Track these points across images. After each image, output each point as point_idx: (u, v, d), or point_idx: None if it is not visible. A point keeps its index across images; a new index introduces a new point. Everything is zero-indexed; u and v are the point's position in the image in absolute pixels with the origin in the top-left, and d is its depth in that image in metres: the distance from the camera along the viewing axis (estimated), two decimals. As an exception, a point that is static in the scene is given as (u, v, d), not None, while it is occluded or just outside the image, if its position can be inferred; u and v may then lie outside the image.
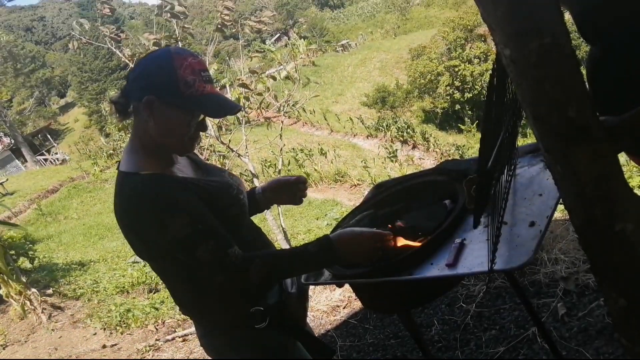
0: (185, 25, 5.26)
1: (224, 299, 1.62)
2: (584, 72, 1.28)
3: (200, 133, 1.64)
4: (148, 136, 1.57)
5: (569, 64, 1.10)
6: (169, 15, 4.86)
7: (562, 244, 3.06)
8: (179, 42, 5.20)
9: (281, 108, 6.26)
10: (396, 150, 18.34)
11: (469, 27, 30.37)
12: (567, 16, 1.64)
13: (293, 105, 6.77)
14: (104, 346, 4.92)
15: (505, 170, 1.45)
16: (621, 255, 1.22)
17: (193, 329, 4.67)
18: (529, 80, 1.12)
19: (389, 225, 1.77)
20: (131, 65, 5.37)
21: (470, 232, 1.51)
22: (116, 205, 1.58)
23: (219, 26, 5.17)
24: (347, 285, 1.92)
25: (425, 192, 1.88)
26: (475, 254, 1.41)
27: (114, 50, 5.42)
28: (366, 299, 1.77)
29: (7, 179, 25.56)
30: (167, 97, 1.50)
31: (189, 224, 1.47)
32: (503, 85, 1.30)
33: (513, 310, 2.81)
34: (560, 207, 1.54)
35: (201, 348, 4.20)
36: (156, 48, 6.06)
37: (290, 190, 1.96)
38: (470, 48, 29.18)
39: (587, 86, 1.27)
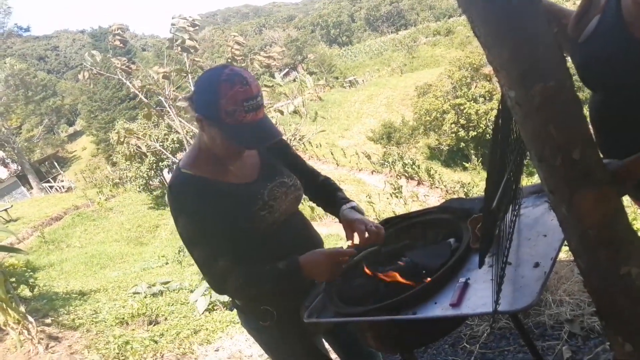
0: (196, 59, 5.34)
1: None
2: (586, 114, 1.29)
3: None
4: (203, 140, 1.80)
5: (573, 107, 1.11)
6: (179, 49, 4.94)
7: (567, 285, 3.03)
8: (189, 75, 5.27)
9: (288, 141, 6.30)
10: (401, 186, 18.34)
11: (475, 66, 30.67)
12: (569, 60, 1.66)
13: (300, 139, 6.83)
14: (101, 378, 4.85)
15: (510, 210, 1.45)
16: (626, 299, 1.21)
17: (192, 363, 4.61)
18: (534, 122, 1.13)
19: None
20: (141, 95, 5.48)
21: (475, 271, 1.50)
22: None
23: (229, 60, 5.25)
24: (348, 323, 1.92)
25: (430, 229, 1.88)
26: (479, 294, 1.39)
27: (124, 81, 5.50)
28: (369, 338, 1.75)
29: (11, 206, 25.58)
30: (211, 121, 1.69)
31: (194, 227, 1.73)
32: (508, 125, 1.31)
33: (517, 352, 2.76)
34: (565, 247, 1.54)
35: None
36: (165, 80, 6.21)
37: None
38: (475, 87, 29.45)
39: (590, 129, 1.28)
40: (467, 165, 27.50)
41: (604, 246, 1.18)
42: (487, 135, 27.88)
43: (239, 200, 1.79)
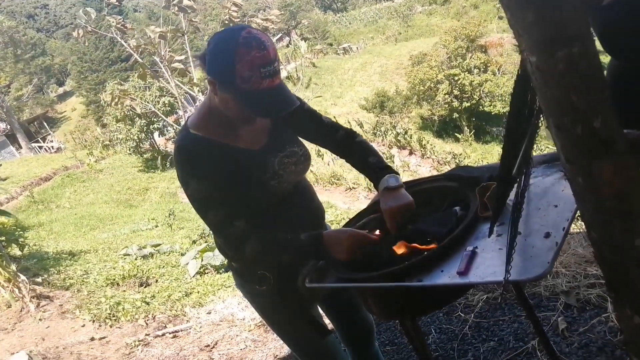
0: (192, 20, 5.22)
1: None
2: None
3: None
4: (214, 102, 1.73)
5: (596, 75, 1.07)
6: (176, 9, 4.83)
7: (563, 257, 3.04)
8: (185, 36, 5.17)
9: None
10: (393, 155, 18.34)
11: (471, 37, 30.42)
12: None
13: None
14: (92, 339, 4.85)
15: (522, 179, 1.43)
16: (639, 272, 1.19)
17: (184, 325, 4.63)
18: (555, 89, 1.09)
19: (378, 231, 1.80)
20: (136, 55, 5.40)
21: (483, 240, 1.48)
22: None
23: (226, 22, 5.14)
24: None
25: (435, 197, 1.85)
26: (487, 263, 1.37)
27: (119, 40, 5.40)
28: (371, 304, 1.74)
29: (0, 165, 25.37)
30: (224, 85, 1.62)
31: (206, 190, 1.68)
32: (526, 92, 1.27)
33: (512, 323, 2.78)
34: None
35: (191, 345, 4.16)
36: (160, 41, 6.09)
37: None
38: (470, 58, 29.23)
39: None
40: (459, 136, 27.46)
41: (621, 217, 1.16)
42: (480, 107, 27.85)
43: (248, 166, 1.76)
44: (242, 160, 1.75)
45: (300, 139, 1.97)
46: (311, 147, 2.08)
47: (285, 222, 1.81)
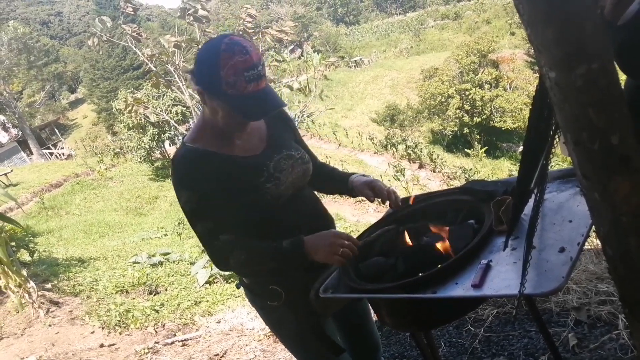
0: (206, 30, 5.28)
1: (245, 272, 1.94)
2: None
3: None
4: (207, 114, 1.78)
5: (614, 91, 1.09)
6: (191, 18, 4.88)
7: (575, 273, 3.03)
8: (199, 45, 5.22)
9: (296, 118, 6.27)
10: (404, 168, 18.33)
11: (483, 52, 30.47)
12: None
13: (308, 116, 6.80)
14: (102, 345, 4.86)
15: (538, 193, 1.44)
16: (654, 289, 1.20)
17: (193, 333, 4.64)
18: (573, 105, 1.10)
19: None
20: (150, 64, 5.46)
21: (497, 253, 1.49)
22: None
23: (241, 33, 5.19)
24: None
25: (450, 210, 1.86)
26: (502, 277, 1.38)
27: (134, 49, 5.45)
28: (384, 315, 1.75)
29: (11, 170, 25.52)
30: (212, 93, 1.65)
31: (196, 202, 1.72)
32: (543, 108, 1.29)
33: (522, 337, 2.77)
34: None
35: (200, 354, 4.16)
36: (175, 50, 6.18)
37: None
38: (482, 73, 29.27)
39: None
40: (469, 151, 27.43)
41: (636, 234, 1.17)
42: (491, 122, 27.83)
43: (244, 172, 1.78)
44: (238, 167, 1.78)
45: (298, 144, 2.01)
46: (321, 158, 2.10)
47: (287, 228, 1.80)
